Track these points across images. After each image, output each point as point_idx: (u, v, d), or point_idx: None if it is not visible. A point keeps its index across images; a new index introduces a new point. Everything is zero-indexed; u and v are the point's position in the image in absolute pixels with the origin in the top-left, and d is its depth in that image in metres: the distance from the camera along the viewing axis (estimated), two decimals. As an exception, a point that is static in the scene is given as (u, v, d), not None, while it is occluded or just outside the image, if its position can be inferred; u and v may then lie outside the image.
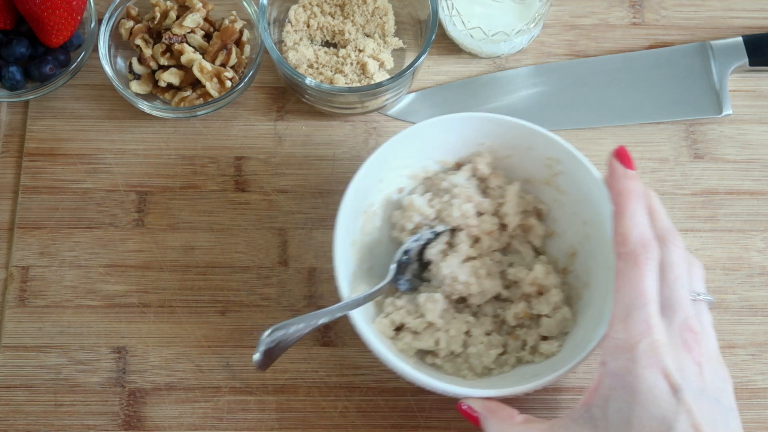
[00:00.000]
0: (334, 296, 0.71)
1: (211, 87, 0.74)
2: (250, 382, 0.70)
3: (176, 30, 0.74)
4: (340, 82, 0.74)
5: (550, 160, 0.68)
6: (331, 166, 0.76)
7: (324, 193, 0.75)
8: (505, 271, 0.69)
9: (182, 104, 0.74)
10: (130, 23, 0.75)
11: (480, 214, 0.69)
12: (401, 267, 0.68)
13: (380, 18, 0.77)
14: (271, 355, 0.58)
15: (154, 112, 0.74)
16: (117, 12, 0.75)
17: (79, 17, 0.72)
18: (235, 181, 0.75)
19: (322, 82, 0.74)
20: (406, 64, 0.76)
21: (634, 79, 0.78)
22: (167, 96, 0.76)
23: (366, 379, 0.70)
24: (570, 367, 0.61)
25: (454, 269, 0.67)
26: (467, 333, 0.67)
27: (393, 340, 0.66)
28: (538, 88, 0.78)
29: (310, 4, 0.77)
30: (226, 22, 0.75)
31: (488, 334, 0.67)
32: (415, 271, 0.69)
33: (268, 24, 0.74)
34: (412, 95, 0.78)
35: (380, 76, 0.75)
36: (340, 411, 0.69)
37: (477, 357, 0.66)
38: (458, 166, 0.71)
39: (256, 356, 0.57)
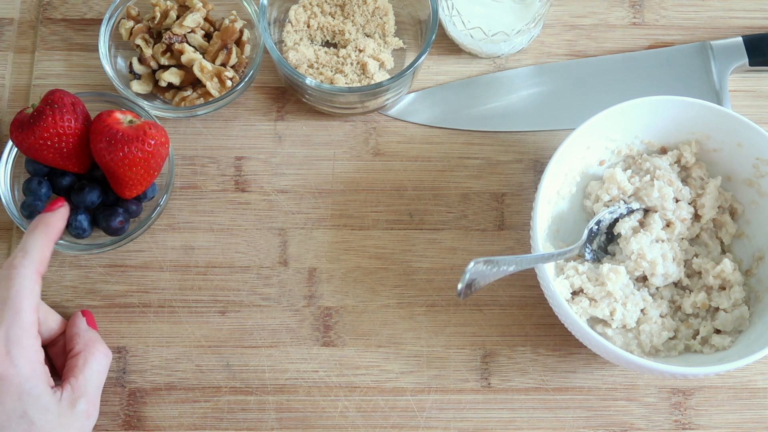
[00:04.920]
0: (335, 296, 0.72)
1: (212, 86, 0.74)
2: (250, 382, 0.70)
3: (176, 30, 0.74)
4: (341, 82, 0.74)
5: (760, 161, 0.69)
6: (331, 166, 0.76)
7: (324, 193, 0.75)
8: (690, 260, 0.70)
9: (182, 104, 0.74)
10: (130, 23, 0.75)
11: (677, 200, 0.71)
12: (589, 236, 0.70)
13: (380, 18, 0.77)
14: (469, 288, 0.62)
15: (155, 112, 0.74)
16: (117, 12, 0.75)
17: (156, 173, 0.69)
18: (235, 181, 0.75)
19: (322, 82, 0.74)
20: (406, 64, 0.76)
21: (634, 79, 0.78)
22: (168, 96, 0.75)
23: (366, 379, 0.70)
24: (742, 363, 0.61)
25: (643, 246, 0.68)
26: (642, 311, 0.68)
27: (568, 303, 0.67)
28: (538, 88, 0.78)
29: (310, 4, 0.77)
30: (226, 21, 0.75)
31: (662, 316, 0.69)
32: (600, 243, 0.71)
33: (269, 24, 0.74)
34: (412, 95, 0.78)
35: (380, 76, 0.75)
36: (340, 411, 0.69)
37: (648, 335, 0.67)
38: (663, 151, 0.73)
39: (460, 286, 0.60)
